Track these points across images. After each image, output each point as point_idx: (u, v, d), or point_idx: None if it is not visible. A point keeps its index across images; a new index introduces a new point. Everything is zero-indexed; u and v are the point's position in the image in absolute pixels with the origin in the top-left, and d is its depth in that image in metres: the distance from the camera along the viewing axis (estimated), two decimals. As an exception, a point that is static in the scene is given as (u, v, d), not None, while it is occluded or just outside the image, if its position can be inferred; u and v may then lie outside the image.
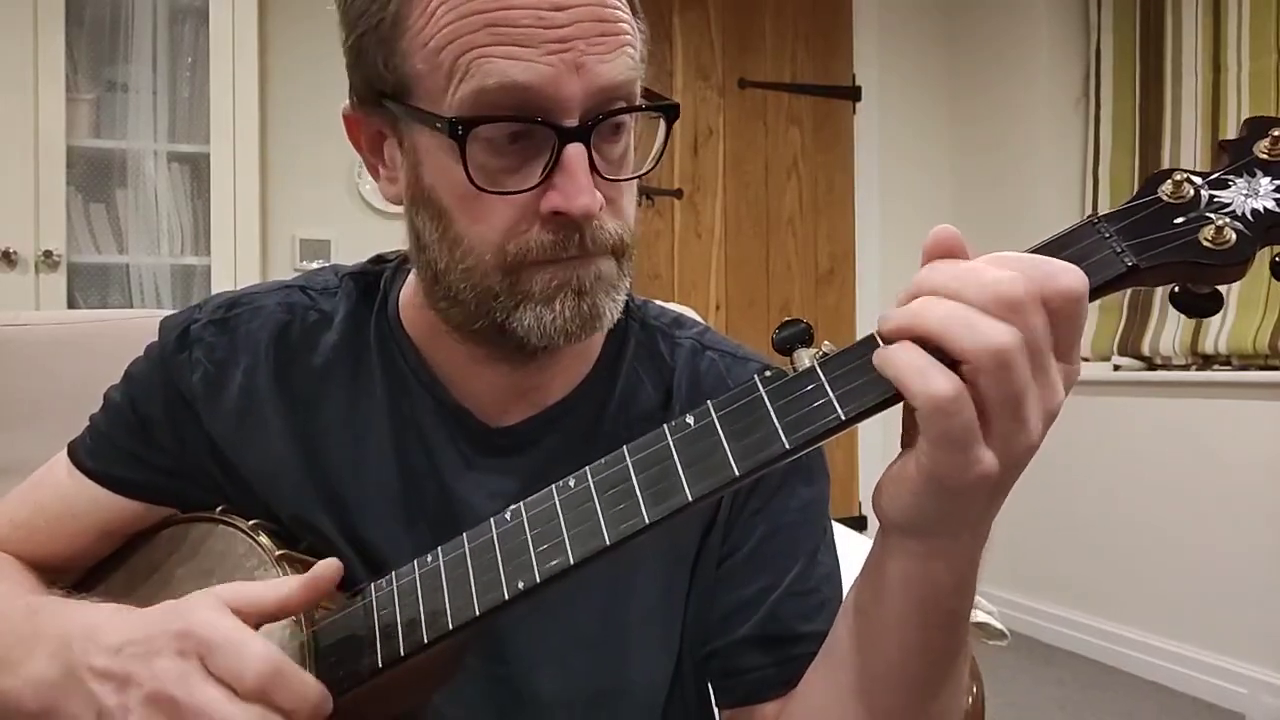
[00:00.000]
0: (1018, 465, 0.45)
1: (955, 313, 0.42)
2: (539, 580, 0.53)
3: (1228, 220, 0.46)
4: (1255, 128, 0.49)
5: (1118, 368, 3.15)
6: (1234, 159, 0.48)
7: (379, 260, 0.78)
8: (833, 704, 0.60)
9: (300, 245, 2.98)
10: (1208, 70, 2.92)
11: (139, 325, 0.77)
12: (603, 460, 0.53)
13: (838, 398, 0.47)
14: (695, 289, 3.56)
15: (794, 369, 0.49)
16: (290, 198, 2.96)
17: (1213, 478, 2.74)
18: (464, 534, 0.58)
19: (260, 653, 0.52)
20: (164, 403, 0.72)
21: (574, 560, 0.52)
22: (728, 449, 0.49)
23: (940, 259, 0.46)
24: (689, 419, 0.51)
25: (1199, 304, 0.47)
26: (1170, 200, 0.47)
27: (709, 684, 0.74)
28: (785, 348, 0.50)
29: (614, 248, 0.62)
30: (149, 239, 2.66)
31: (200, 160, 2.68)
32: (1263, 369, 2.71)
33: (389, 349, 0.72)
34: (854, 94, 3.74)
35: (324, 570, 0.59)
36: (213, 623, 0.54)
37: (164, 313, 0.77)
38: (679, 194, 3.53)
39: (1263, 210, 0.46)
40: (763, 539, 0.71)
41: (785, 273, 3.69)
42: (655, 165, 0.65)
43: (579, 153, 0.58)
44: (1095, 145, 3.30)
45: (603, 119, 0.59)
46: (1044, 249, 0.47)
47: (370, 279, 0.76)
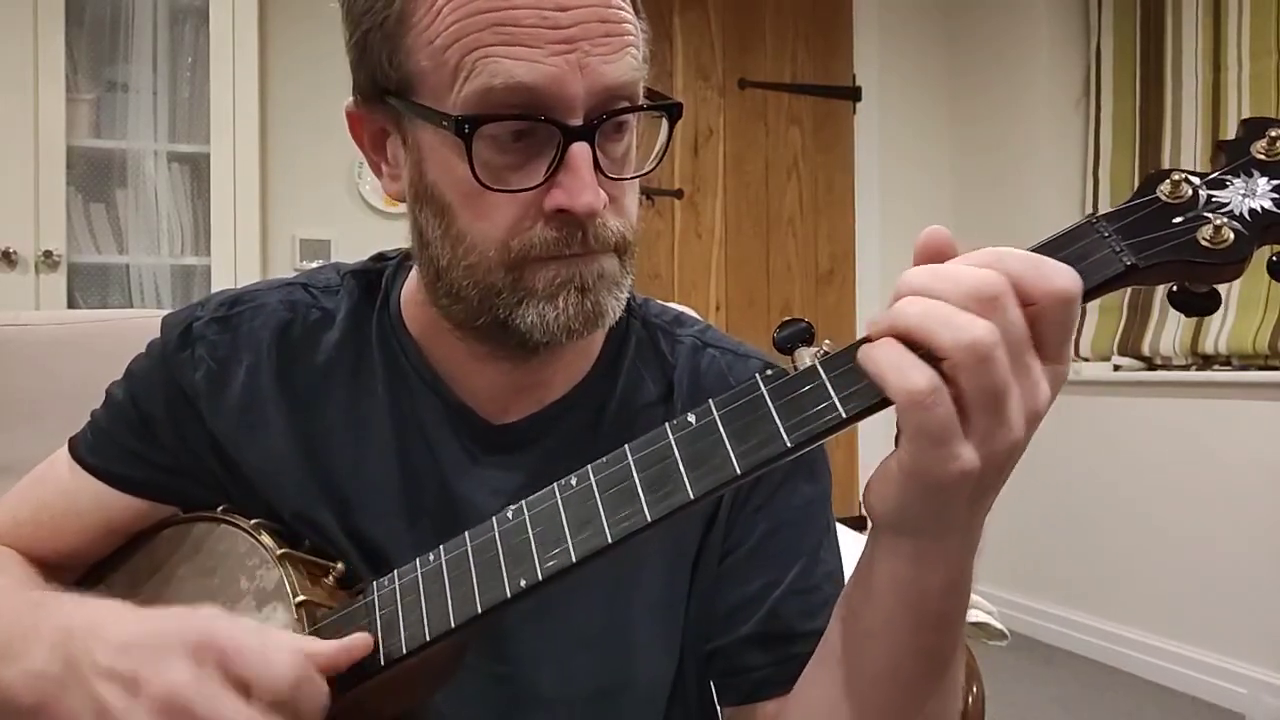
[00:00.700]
0: (1001, 464, 0.45)
1: (932, 309, 0.43)
2: (540, 578, 0.53)
3: (1225, 220, 0.46)
4: (1253, 128, 0.49)
5: (1118, 368, 3.15)
6: (1231, 159, 0.48)
7: (380, 258, 0.78)
8: (826, 704, 0.60)
9: (300, 245, 2.98)
10: (1208, 70, 2.92)
11: (139, 325, 0.77)
12: (604, 459, 0.53)
13: (839, 396, 0.47)
14: (695, 289, 3.56)
15: (795, 368, 0.49)
16: (290, 198, 2.96)
17: (1213, 478, 2.74)
18: (466, 532, 0.58)
19: (289, 658, 0.52)
20: (166, 400, 0.72)
21: (575, 559, 0.53)
22: (729, 447, 0.49)
23: (930, 260, 0.46)
24: (690, 417, 0.51)
25: (1197, 303, 0.48)
26: (1168, 200, 0.48)
27: (711, 682, 0.74)
28: (786, 347, 0.50)
29: (616, 245, 0.62)
30: (149, 239, 2.66)
31: (200, 160, 2.68)
32: (1263, 369, 2.71)
33: (391, 347, 0.73)
34: (854, 94, 3.74)
35: (357, 643, 0.58)
36: (233, 627, 0.53)
37: (164, 312, 0.78)
38: (679, 194, 3.53)
39: (1260, 210, 0.47)
40: (764, 536, 0.71)
41: (785, 273, 3.69)
42: (658, 164, 0.65)
43: (583, 151, 0.58)
44: (1095, 145, 3.30)
45: (607, 118, 0.59)
46: (1043, 248, 0.47)
47: (372, 277, 0.76)
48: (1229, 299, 2.75)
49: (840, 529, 0.79)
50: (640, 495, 0.51)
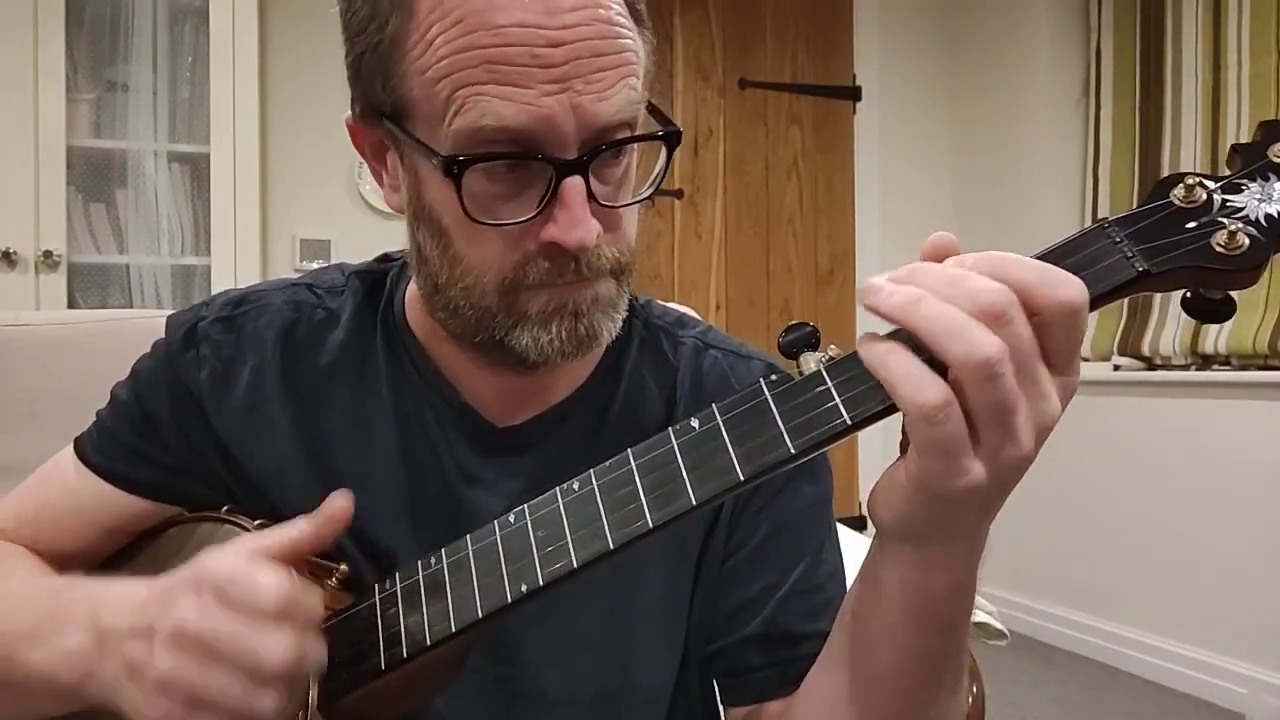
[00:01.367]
0: (1008, 477, 0.45)
1: (948, 317, 0.42)
2: (542, 583, 0.53)
3: (1240, 225, 0.45)
4: (1270, 131, 0.48)
5: (1118, 368, 3.15)
6: (1247, 163, 0.48)
7: (386, 259, 0.78)
8: (830, 706, 0.60)
9: (300, 245, 2.97)
10: (1208, 70, 2.92)
11: (139, 325, 0.77)
12: (607, 463, 0.53)
13: (844, 402, 0.47)
14: (695, 289, 3.56)
15: (800, 372, 0.49)
16: (290, 198, 2.96)
17: (1213, 478, 2.74)
18: (467, 536, 0.58)
19: (273, 579, 0.52)
20: (170, 400, 0.72)
21: (577, 564, 0.52)
22: (732, 453, 0.49)
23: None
24: (694, 422, 0.51)
25: (1212, 309, 0.47)
26: (1182, 205, 0.47)
27: (714, 683, 0.74)
28: (791, 351, 0.50)
29: (612, 270, 0.62)
30: (149, 239, 2.66)
31: (200, 160, 2.67)
32: (1263, 369, 2.71)
33: (395, 348, 0.72)
34: (854, 94, 3.74)
35: (333, 506, 0.58)
36: (224, 560, 0.54)
37: (164, 313, 0.77)
38: (679, 194, 3.53)
39: (1276, 215, 0.46)
40: (766, 537, 0.71)
41: (785, 273, 3.69)
42: (655, 189, 0.64)
43: (576, 185, 0.58)
44: (1095, 145, 3.30)
45: (605, 148, 0.58)
46: (1054, 253, 0.46)
47: (376, 277, 0.76)
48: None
49: (840, 529, 0.79)
50: (643, 500, 0.51)
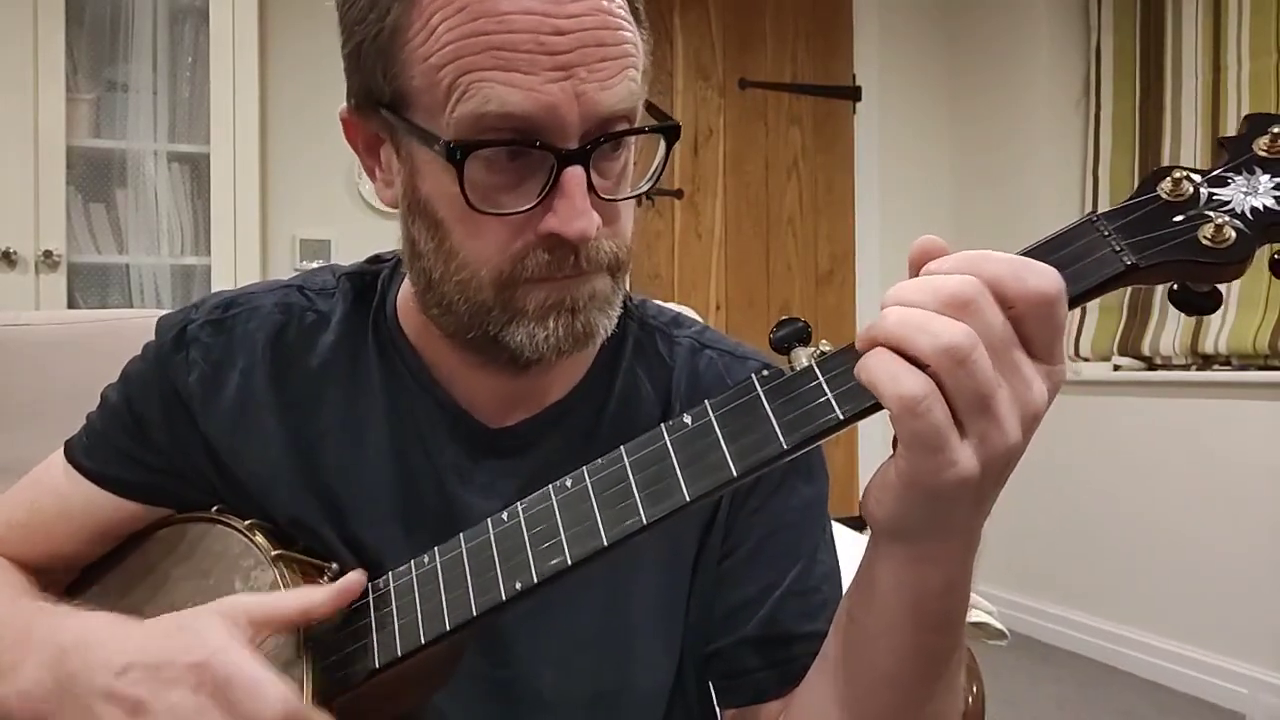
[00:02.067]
0: (999, 469, 0.45)
1: (909, 317, 0.43)
2: (536, 581, 0.53)
3: (1227, 218, 0.46)
4: (1255, 125, 0.48)
5: (1118, 368, 3.15)
6: (1233, 156, 0.48)
7: (377, 260, 0.78)
8: (828, 706, 0.60)
9: (300, 245, 2.97)
10: (1208, 70, 2.92)
11: (139, 325, 0.77)
12: (600, 460, 0.53)
13: (835, 397, 0.47)
14: (695, 289, 3.56)
15: (791, 368, 0.49)
16: (290, 198, 2.96)
17: (1213, 478, 2.74)
18: (461, 535, 0.58)
19: (280, 696, 0.52)
20: (161, 403, 0.72)
21: (571, 561, 0.52)
22: (725, 449, 0.49)
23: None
24: (686, 418, 0.51)
25: (1198, 302, 0.47)
26: (1169, 198, 0.47)
27: (711, 684, 0.74)
28: (783, 346, 0.50)
29: (609, 265, 0.62)
30: (149, 239, 2.66)
31: (200, 160, 2.67)
32: (1263, 369, 2.71)
33: (387, 350, 0.72)
34: (854, 94, 3.74)
35: (351, 583, 0.60)
36: (231, 659, 0.53)
37: (164, 312, 0.77)
38: (679, 194, 3.53)
39: (1262, 208, 0.46)
40: (763, 538, 0.71)
41: (785, 273, 3.69)
42: (654, 184, 0.64)
43: (577, 175, 0.58)
44: (1095, 145, 3.30)
45: (604, 140, 0.58)
46: (1042, 247, 0.47)
47: (368, 279, 0.75)
48: (1229, 298, 2.75)
49: (839, 529, 0.79)
50: (636, 497, 0.51)
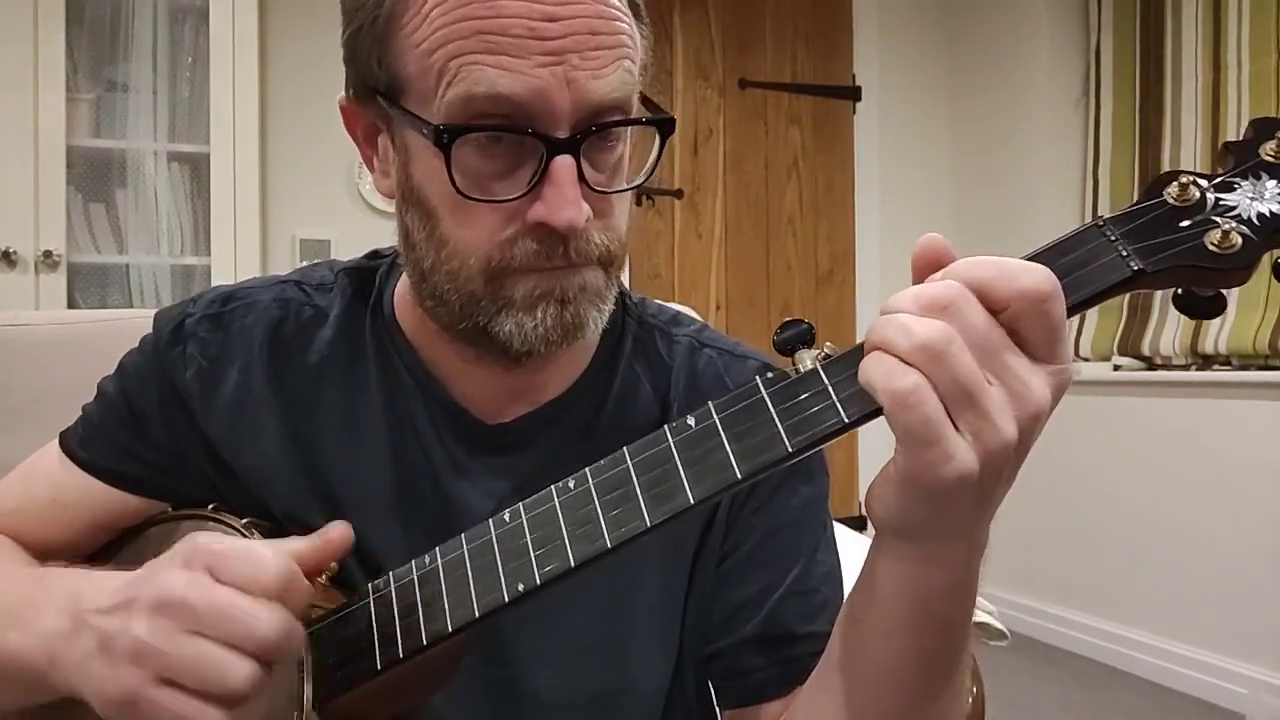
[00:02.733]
0: (998, 466, 0.45)
1: (890, 321, 0.44)
2: (538, 583, 0.53)
3: (1234, 224, 0.46)
4: (1262, 129, 0.48)
5: (1118, 368, 3.14)
6: (1239, 161, 0.48)
7: (375, 255, 0.78)
8: (831, 707, 0.59)
9: (300, 245, 2.97)
10: (1208, 70, 2.92)
11: (139, 325, 0.77)
12: (603, 461, 0.53)
13: (841, 400, 0.47)
14: (695, 289, 3.56)
15: (796, 370, 0.49)
16: (290, 198, 2.96)
17: (1213, 478, 2.74)
18: (462, 535, 0.58)
19: (275, 557, 0.52)
20: (158, 398, 0.72)
21: (574, 563, 0.52)
22: (729, 451, 0.49)
23: (928, 268, 0.47)
24: (690, 420, 0.51)
25: (1202, 306, 0.47)
26: (1176, 203, 0.47)
27: (710, 685, 0.74)
28: (787, 348, 0.50)
29: (601, 259, 0.62)
30: (149, 239, 2.66)
31: (200, 160, 2.67)
32: (1263, 369, 2.71)
33: (384, 345, 0.72)
34: (854, 94, 3.74)
35: (333, 532, 0.59)
36: (214, 540, 0.54)
37: (163, 310, 0.77)
38: (679, 194, 3.53)
39: (1268, 214, 0.46)
40: (763, 538, 0.71)
41: (785, 273, 3.69)
42: (647, 179, 0.64)
43: (567, 165, 0.57)
44: (1095, 145, 3.30)
45: (595, 130, 0.58)
46: (1048, 251, 0.47)
47: (366, 274, 0.75)
48: (1229, 299, 2.74)
49: (840, 529, 0.79)
50: (640, 499, 0.51)
